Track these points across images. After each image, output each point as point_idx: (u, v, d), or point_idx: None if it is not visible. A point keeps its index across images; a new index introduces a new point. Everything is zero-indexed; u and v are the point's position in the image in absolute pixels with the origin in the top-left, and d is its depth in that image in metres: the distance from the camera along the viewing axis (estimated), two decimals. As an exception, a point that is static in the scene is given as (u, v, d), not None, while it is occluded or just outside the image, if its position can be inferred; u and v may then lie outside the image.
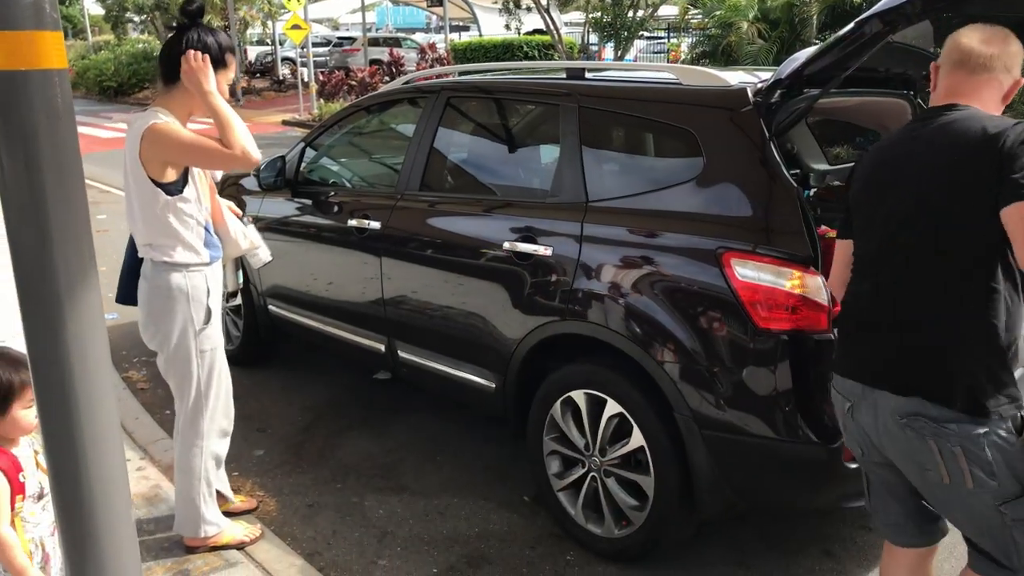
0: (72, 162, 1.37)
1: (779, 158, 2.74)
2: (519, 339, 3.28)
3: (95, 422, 1.42)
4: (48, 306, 1.37)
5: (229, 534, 3.09)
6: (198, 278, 2.85)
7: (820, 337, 2.62)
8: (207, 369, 2.93)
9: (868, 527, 3.32)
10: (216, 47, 2.77)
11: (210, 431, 3.02)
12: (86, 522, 1.45)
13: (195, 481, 3.02)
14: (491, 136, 4.05)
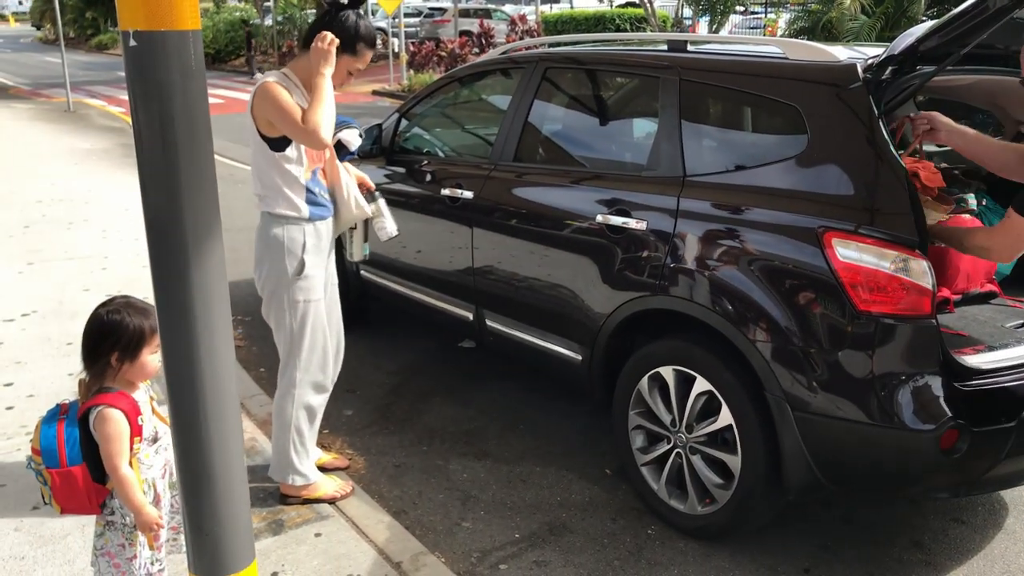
0: (202, 120, 1.43)
1: (887, 137, 2.66)
2: (608, 313, 3.28)
3: (216, 367, 1.50)
4: (177, 256, 1.44)
5: (322, 488, 3.20)
6: (296, 231, 3.00)
7: (922, 322, 2.55)
8: (299, 320, 3.05)
9: (961, 520, 3.23)
10: (351, 33, 2.96)
11: (303, 381, 3.13)
12: (204, 461, 1.54)
13: (286, 428, 3.14)
14: (587, 108, 4.03)
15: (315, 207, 3.04)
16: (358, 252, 3.47)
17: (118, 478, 2.24)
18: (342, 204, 3.16)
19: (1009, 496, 3.36)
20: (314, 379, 3.16)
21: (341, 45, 2.92)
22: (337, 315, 3.32)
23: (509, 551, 3.06)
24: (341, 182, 3.16)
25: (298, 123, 2.80)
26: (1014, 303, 3.29)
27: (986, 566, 2.98)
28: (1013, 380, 2.69)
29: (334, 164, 3.14)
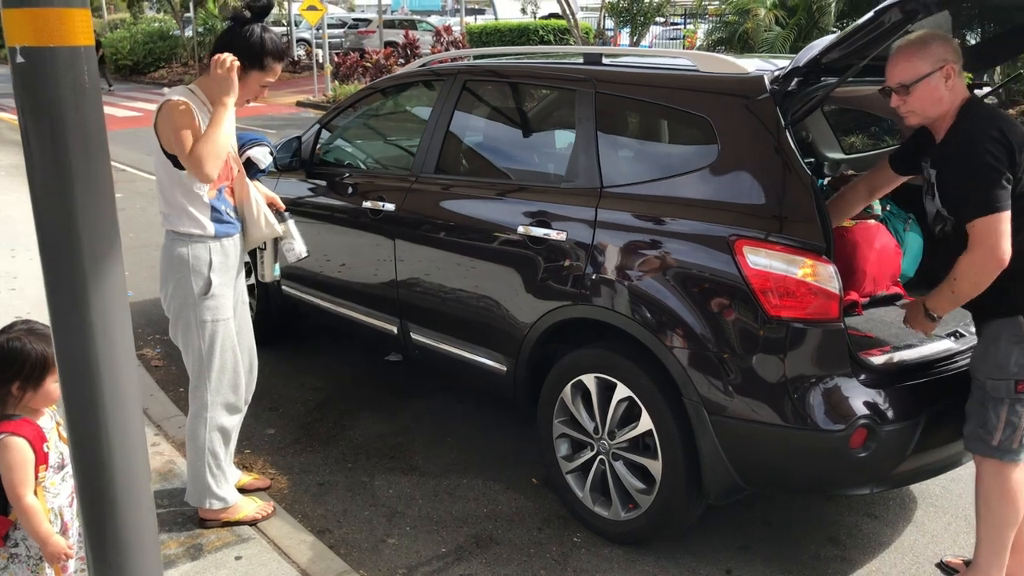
0: (98, 138, 1.40)
1: (794, 147, 2.74)
2: (531, 323, 3.30)
3: (117, 394, 1.45)
4: (74, 280, 1.40)
5: (242, 510, 3.14)
6: (201, 249, 2.94)
7: (830, 326, 2.64)
8: (208, 340, 2.99)
9: (873, 515, 3.34)
10: (258, 49, 2.90)
11: (214, 403, 3.06)
12: (106, 490, 1.49)
13: (200, 452, 3.07)
14: (507, 120, 4.06)
15: (221, 224, 2.98)
16: (268, 273, 3.40)
17: (22, 508, 2.16)
18: (251, 222, 3.10)
19: (918, 490, 3.49)
20: (226, 400, 3.09)
21: (249, 61, 2.88)
22: (249, 333, 3.26)
23: (435, 566, 3.05)
24: (250, 199, 3.09)
25: (184, 149, 2.76)
26: (917, 304, 3.42)
27: (897, 558, 3.09)
28: (917, 379, 2.80)
29: (243, 182, 3.07)
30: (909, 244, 3.61)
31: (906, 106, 2.61)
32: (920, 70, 2.55)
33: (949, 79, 2.55)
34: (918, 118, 2.65)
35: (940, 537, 3.21)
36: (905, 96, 2.59)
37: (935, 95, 2.56)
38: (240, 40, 2.88)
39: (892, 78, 2.62)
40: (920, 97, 2.58)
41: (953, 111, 2.60)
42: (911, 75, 2.56)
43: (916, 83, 2.55)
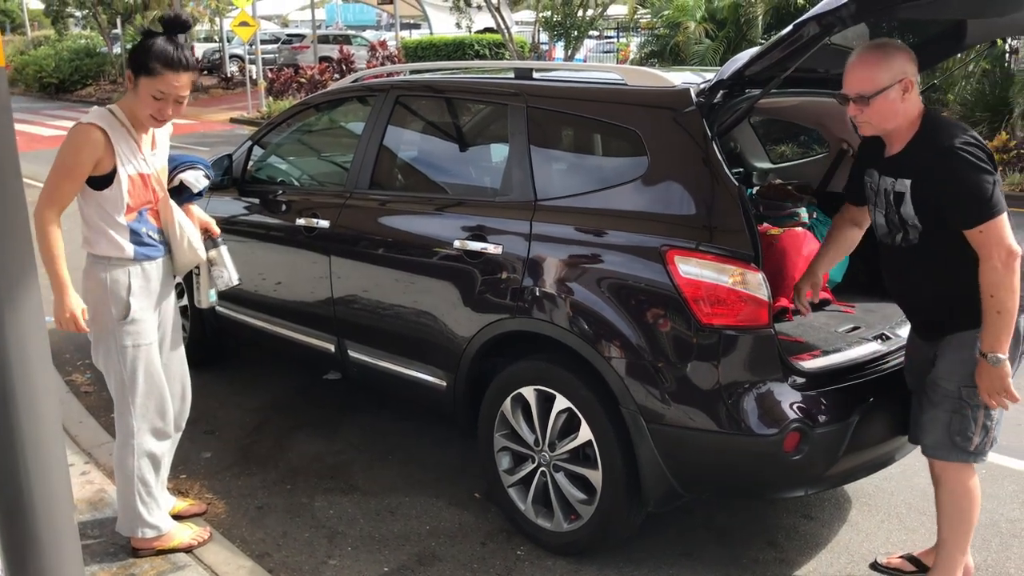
0: (9, 160, 1.35)
1: (721, 157, 2.80)
2: (469, 337, 3.30)
3: (36, 424, 1.41)
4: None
5: (176, 538, 3.06)
6: (119, 273, 2.86)
7: (761, 332, 2.69)
8: (130, 365, 2.90)
9: (810, 516, 3.41)
10: (145, 53, 2.74)
11: (140, 429, 2.96)
12: (27, 527, 1.44)
13: (129, 480, 2.98)
14: (440, 135, 4.06)
15: (141, 247, 2.89)
16: (204, 299, 3.28)
17: None
18: (176, 247, 3.01)
19: (852, 489, 3.57)
20: (153, 426, 3.00)
21: (136, 68, 2.75)
22: (180, 358, 3.18)
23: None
24: (174, 224, 2.98)
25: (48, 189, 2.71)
26: (845, 308, 3.52)
27: (833, 558, 3.16)
28: (846, 381, 2.87)
29: (167, 205, 2.98)
30: (836, 250, 3.71)
31: (862, 116, 2.59)
32: (879, 82, 2.52)
33: (907, 92, 2.54)
34: (873, 129, 2.64)
35: (874, 535, 3.29)
36: (863, 107, 2.57)
37: (892, 108, 2.55)
38: (136, 47, 2.79)
39: (850, 88, 2.59)
40: (878, 110, 2.55)
41: (911, 122, 2.59)
42: (870, 87, 2.53)
43: (875, 96, 2.53)
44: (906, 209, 2.60)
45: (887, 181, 2.67)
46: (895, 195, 2.63)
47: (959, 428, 2.62)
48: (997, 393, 2.52)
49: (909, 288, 2.75)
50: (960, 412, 2.61)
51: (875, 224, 2.78)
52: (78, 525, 3.11)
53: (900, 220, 2.63)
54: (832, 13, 2.39)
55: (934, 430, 2.67)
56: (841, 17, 2.41)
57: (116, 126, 2.79)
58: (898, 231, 2.66)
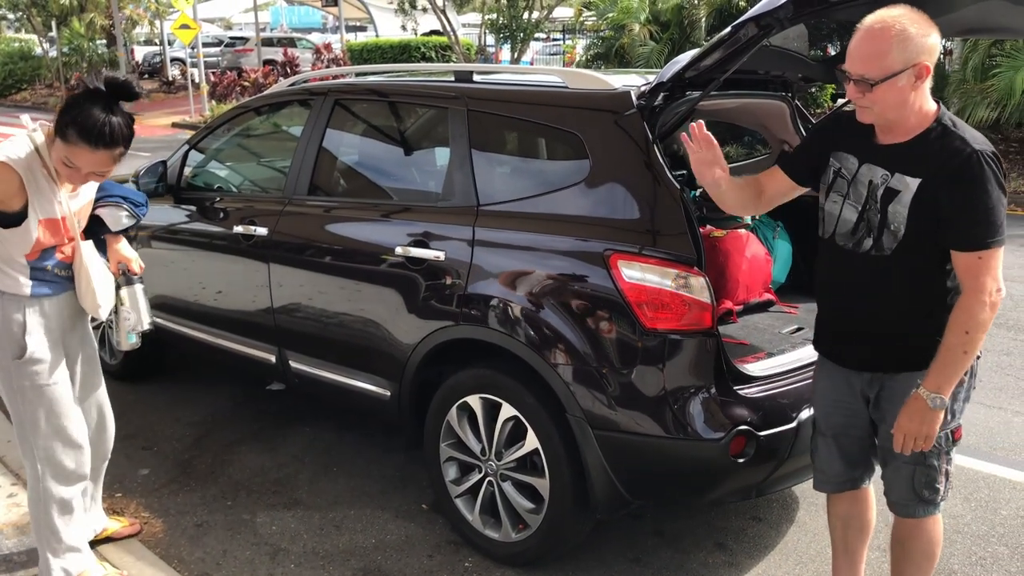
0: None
1: (663, 160, 2.78)
2: (413, 345, 3.23)
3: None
4: None
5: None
6: (13, 310, 2.62)
7: (705, 335, 2.68)
8: (30, 406, 2.68)
9: (758, 518, 3.42)
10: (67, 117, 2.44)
11: (45, 473, 2.74)
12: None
13: (38, 525, 2.79)
14: (381, 139, 3.99)
15: (41, 284, 2.66)
16: (123, 341, 2.96)
17: None
18: (79, 289, 2.77)
19: (799, 491, 3.59)
20: (59, 469, 2.75)
21: (56, 123, 2.47)
22: (97, 392, 2.97)
23: (322, 604, 2.93)
24: (81, 266, 2.73)
25: None
26: (789, 309, 3.54)
27: (782, 559, 3.16)
28: (791, 383, 2.87)
29: (78, 248, 2.72)
30: (779, 251, 3.73)
31: (864, 100, 2.19)
32: (889, 66, 2.12)
33: (920, 79, 2.14)
34: (873, 117, 2.24)
35: (822, 535, 3.30)
36: (865, 91, 2.16)
37: (900, 96, 2.15)
38: (65, 102, 2.48)
39: (853, 66, 2.17)
40: (882, 97, 2.16)
41: (920, 113, 2.20)
42: (877, 70, 2.12)
43: (881, 82, 2.13)
44: (896, 209, 2.21)
45: (876, 173, 2.27)
46: (886, 191, 2.24)
47: (925, 481, 2.36)
48: (921, 439, 2.23)
49: (860, 306, 2.35)
50: (924, 463, 2.34)
51: (834, 219, 2.37)
52: (5, 554, 2.98)
53: (881, 221, 2.25)
54: (770, 15, 2.38)
55: (897, 487, 2.42)
56: (779, 19, 2.40)
57: (36, 167, 2.53)
58: (868, 235, 2.28)
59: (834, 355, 2.48)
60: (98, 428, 2.96)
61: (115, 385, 4.67)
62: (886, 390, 2.36)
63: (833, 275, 2.43)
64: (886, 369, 2.35)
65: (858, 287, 2.33)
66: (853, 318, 2.39)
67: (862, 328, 2.37)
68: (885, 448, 2.41)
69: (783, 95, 3.74)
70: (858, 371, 2.41)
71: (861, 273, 2.32)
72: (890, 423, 2.33)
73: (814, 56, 3.40)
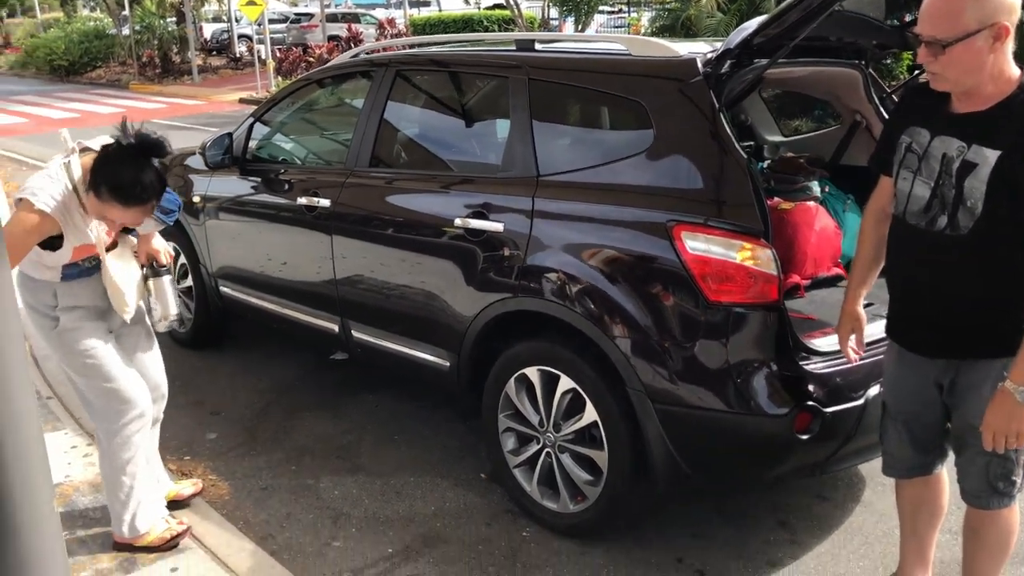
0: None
1: (730, 130, 2.72)
2: (472, 317, 3.23)
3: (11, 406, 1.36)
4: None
5: (153, 535, 2.95)
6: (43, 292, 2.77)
7: (771, 309, 2.61)
8: (78, 373, 2.82)
9: (823, 496, 3.35)
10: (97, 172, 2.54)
11: (109, 432, 2.88)
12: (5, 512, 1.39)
13: (107, 482, 2.94)
14: (442, 110, 3.98)
15: (71, 274, 2.77)
16: (161, 324, 3.07)
17: None
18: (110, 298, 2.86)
19: (866, 470, 3.50)
20: (118, 430, 2.87)
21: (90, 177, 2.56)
22: (149, 352, 3.06)
23: (382, 568, 2.97)
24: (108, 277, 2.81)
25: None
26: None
27: (846, 539, 3.09)
28: (860, 359, 2.78)
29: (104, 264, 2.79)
30: (849, 224, 3.62)
31: (935, 65, 2.05)
32: (963, 26, 1.98)
33: (999, 41, 1.99)
34: (948, 84, 2.09)
35: (889, 516, 3.21)
36: (936, 54, 2.03)
37: (976, 60, 2.01)
38: (100, 154, 2.58)
39: (925, 28, 2.05)
40: (956, 60, 2.02)
41: (1000, 79, 2.05)
42: (949, 31, 1.99)
43: (954, 43, 1.99)
44: (973, 184, 2.07)
45: (951, 145, 2.12)
46: (962, 164, 2.09)
47: (1000, 472, 2.26)
48: (1012, 436, 2.10)
49: (933, 289, 2.22)
50: (1000, 455, 2.21)
51: (906, 197, 2.24)
52: (81, 510, 3.10)
53: (956, 197, 2.10)
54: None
55: (971, 477, 2.32)
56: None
57: (72, 206, 2.59)
58: (943, 211, 2.14)
59: (905, 340, 2.37)
60: (152, 390, 3.03)
61: (184, 353, 4.83)
62: (961, 377, 2.24)
63: (904, 255, 2.30)
64: (961, 356, 2.23)
65: (931, 268, 2.20)
66: (925, 302, 2.26)
67: (935, 312, 2.24)
68: (958, 436, 2.33)
69: (856, 63, 3.60)
70: (931, 358, 2.30)
71: (934, 253, 2.18)
72: (964, 412, 2.24)
73: (890, 21, 3.27)
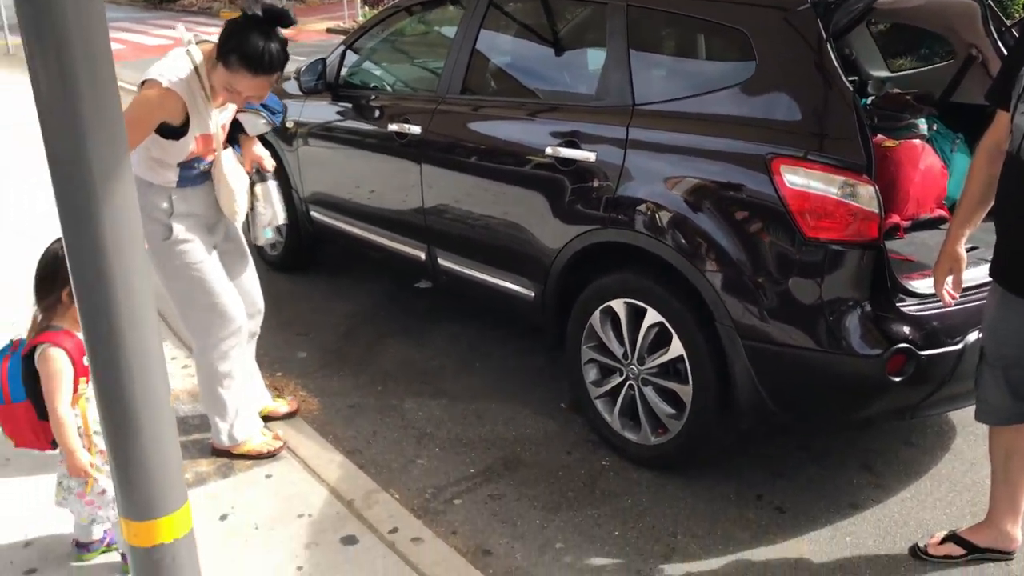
0: (103, 53, 1.34)
1: (836, 61, 2.61)
2: (559, 248, 3.23)
3: (132, 308, 1.43)
4: (83, 197, 1.36)
5: (250, 445, 3.09)
6: (160, 197, 2.81)
7: (870, 248, 2.54)
8: (182, 284, 2.89)
9: (910, 442, 3.28)
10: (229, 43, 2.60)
11: (207, 346, 2.97)
12: (126, 406, 1.48)
13: (205, 394, 3.06)
14: (535, 37, 3.92)
15: (186, 179, 2.83)
16: (259, 236, 3.17)
17: (55, 418, 2.22)
18: (219, 200, 2.93)
19: (956, 417, 3.41)
20: (215, 342, 2.97)
21: (218, 50, 2.63)
22: (246, 269, 3.15)
23: (463, 486, 3.06)
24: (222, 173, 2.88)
25: None
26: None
27: (933, 485, 3.04)
28: (960, 304, 2.69)
29: (219, 159, 2.86)
30: (957, 165, 3.47)
31: None
32: None
33: None
34: None
35: (980, 465, 3.13)
36: None
37: None
38: (227, 27, 2.63)
39: None
40: None
41: None
42: None
43: None
44: None
45: None
46: None
47: None
48: None
49: None
50: None
51: (1021, 133, 2.19)
52: (181, 417, 3.27)
53: None
54: None
55: None
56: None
57: (195, 88, 2.67)
58: None
59: (1011, 282, 2.31)
60: (248, 306, 3.14)
61: (274, 276, 4.97)
62: None
63: (1016, 195, 2.24)
64: None
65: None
66: None
67: None
68: None
69: (976, -7, 3.40)
70: None
71: None
72: None
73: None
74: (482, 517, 2.89)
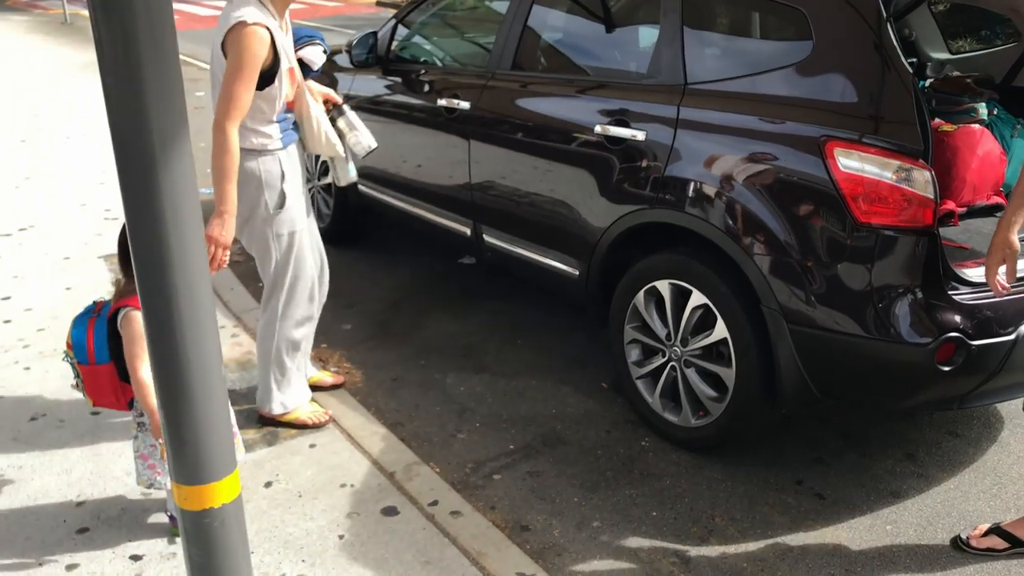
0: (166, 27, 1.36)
1: (896, 43, 2.55)
2: (606, 227, 3.23)
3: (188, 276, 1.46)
4: (143, 163, 1.39)
5: (297, 414, 3.15)
6: (271, 163, 2.86)
7: (923, 235, 2.50)
8: (284, 253, 2.95)
9: (955, 433, 3.23)
10: None
11: (287, 315, 3.03)
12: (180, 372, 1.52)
13: (267, 360, 3.09)
14: (587, 14, 3.88)
15: (285, 134, 2.91)
16: (344, 176, 3.27)
17: (136, 380, 2.29)
18: (310, 138, 3.00)
19: (1004, 409, 3.35)
20: (299, 312, 3.06)
21: None
22: (318, 238, 3.23)
23: (503, 462, 3.09)
24: (311, 116, 2.97)
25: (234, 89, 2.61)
26: (1020, 216, 3.21)
27: (977, 477, 2.99)
28: (1014, 294, 2.64)
29: (302, 96, 2.94)
30: (1016, 151, 3.38)
31: None
32: None
33: None
34: None
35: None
36: None
37: None
38: None
39: None
40: None
41: None
42: None
43: None
44: None
45: None
46: None
47: None
48: None
49: None
50: None
51: None
52: (228, 384, 3.34)
53: None
54: None
55: None
56: None
57: (270, 18, 2.72)
58: None
59: None
60: (319, 271, 3.20)
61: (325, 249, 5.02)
62: None
63: None
64: None
65: None
66: None
67: None
68: None
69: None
70: None
71: None
72: None
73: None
74: (520, 493, 2.92)
